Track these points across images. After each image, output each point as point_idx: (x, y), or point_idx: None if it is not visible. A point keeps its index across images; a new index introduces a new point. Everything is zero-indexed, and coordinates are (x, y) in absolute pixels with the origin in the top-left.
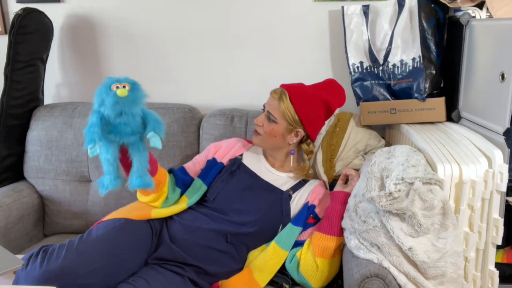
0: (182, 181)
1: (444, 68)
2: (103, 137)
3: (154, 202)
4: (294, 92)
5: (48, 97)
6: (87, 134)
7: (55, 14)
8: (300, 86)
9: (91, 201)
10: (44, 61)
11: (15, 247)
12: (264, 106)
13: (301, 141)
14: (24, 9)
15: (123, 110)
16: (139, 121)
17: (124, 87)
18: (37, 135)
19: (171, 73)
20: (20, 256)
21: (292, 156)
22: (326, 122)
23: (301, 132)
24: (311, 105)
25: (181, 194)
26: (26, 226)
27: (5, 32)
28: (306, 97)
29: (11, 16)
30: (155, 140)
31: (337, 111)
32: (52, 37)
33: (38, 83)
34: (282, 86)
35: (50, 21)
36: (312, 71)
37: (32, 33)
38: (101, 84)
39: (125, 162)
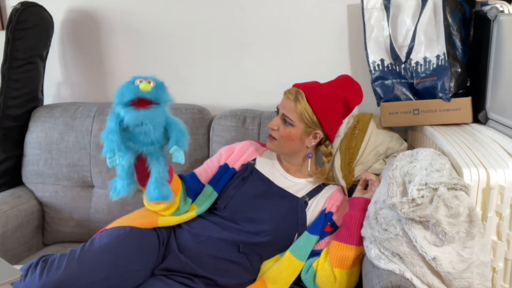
0: (193, 190)
1: (470, 66)
2: (122, 143)
3: (164, 212)
4: (310, 92)
5: (48, 97)
6: (105, 142)
7: (55, 8)
8: (315, 84)
9: (94, 208)
10: (43, 59)
11: (13, 257)
12: (277, 108)
13: (319, 143)
14: (23, 3)
15: (145, 118)
16: (161, 130)
17: (148, 82)
18: (36, 137)
19: (179, 71)
20: (18, 267)
21: (310, 159)
22: (345, 123)
23: (320, 134)
24: (329, 105)
25: (191, 202)
26: (24, 235)
27: (2, 28)
28: (323, 96)
29: (8, 11)
30: (178, 155)
31: (355, 110)
32: (52, 32)
33: (37, 82)
34: (296, 85)
35: (50, 16)
36: (330, 70)
37: (31, 29)
38: (128, 80)
39: (143, 171)
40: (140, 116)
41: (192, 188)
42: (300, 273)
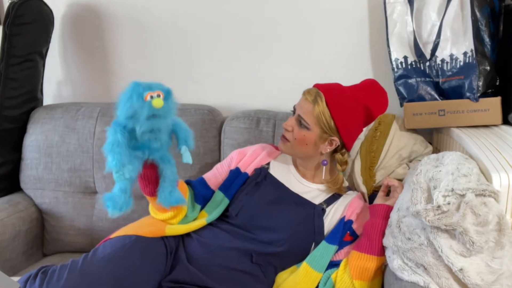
0: (202, 196)
1: (499, 63)
2: (130, 155)
3: (171, 220)
4: (331, 95)
5: (48, 97)
6: (113, 155)
7: (56, 1)
8: (337, 87)
9: (97, 215)
10: (43, 56)
11: (10, 268)
12: (294, 108)
13: (335, 150)
14: None
15: (156, 125)
16: (168, 132)
17: (158, 96)
18: (36, 140)
19: (188, 69)
20: (16, 279)
21: (324, 167)
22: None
23: (336, 141)
24: (350, 111)
25: (201, 209)
26: (22, 244)
27: None
28: (345, 100)
29: (5, 5)
30: (187, 155)
31: None
32: (52, 28)
33: (36, 80)
34: (317, 86)
35: (50, 10)
36: (349, 68)
37: (29, 24)
38: (128, 90)
39: (150, 178)
40: (153, 124)
41: (201, 193)
42: (317, 286)
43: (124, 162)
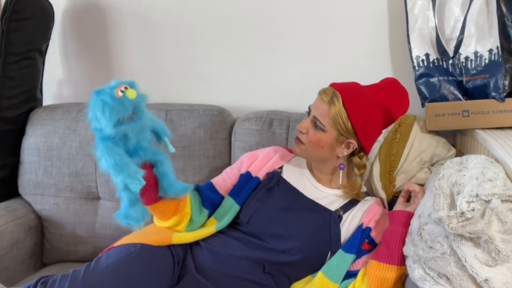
0: (210, 200)
1: None
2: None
3: (176, 226)
4: (348, 95)
5: (48, 97)
6: (121, 170)
7: None
8: (355, 86)
9: (100, 222)
10: (43, 53)
11: (8, 278)
12: (309, 108)
13: (352, 154)
14: None
15: (141, 124)
16: (149, 128)
17: (126, 88)
18: (35, 142)
19: (197, 67)
20: None
21: (341, 171)
22: None
23: (354, 144)
24: (368, 112)
25: (209, 216)
26: (21, 253)
27: None
28: (363, 101)
29: None
30: (170, 146)
31: None
32: (52, 24)
33: (35, 79)
34: (333, 85)
35: (50, 4)
36: (367, 66)
37: (28, 19)
38: (96, 100)
39: (149, 181)
40: (139, 124)
41: (209, 198)
42: None
43: (135, 170)
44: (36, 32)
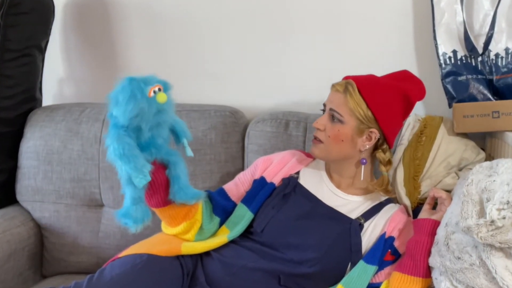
0: (222, 207)
1: None
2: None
3: (185, 234)
4: (363, 83)
5: (48, 97)
6: (127, 161)
7: None
8: (368, 76)
9: (103, 231)
10: (42, 50)
11: None
12: (324, 105)
13: (375, 148)
14: None
15: (159, 119)
16: (168, 126)
17: (159, 90)
18: (34, 145)
19: (207, 65)
20: None
21: (363, 166)
22: (409, 129)
23: (376, 134)
24: (386, 97)
25: (221, 224)
26: (19, 265)
27: None
28: (379, 87)
29: None
30: (188, 148)
31: (421, 110)
32: (52, 18)
33: (34, 78)
34: (346, 77)
35: None
36: (390, 64)
37: (27, 14)
38: (126, 88)
39: (159, 183)
40: (157, 119)
41: (221, 204)
42: None
43: (142, 163)
44: (35, 27)
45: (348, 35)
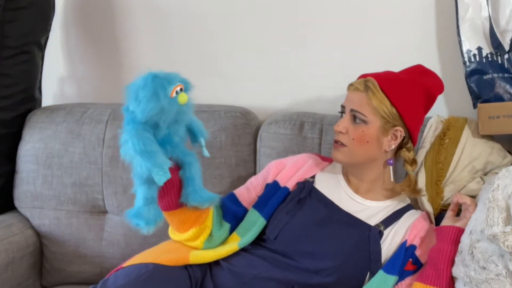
0: (232, 213)
1: None
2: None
3: (194, 241)
4: (383, 79)
5: (48, 97)
6: (148, 156)
7: None
8: (386, 72)
9: (107, 240)
10: (42, 47)
11: None
12: (342, 106)
13: (399, 147)
14: None
15: (177, 117)
16: (185, 125)
17: (181, 90)
18: (33, 148)
19: (218, 63)
20: None
21: (391, 167)
22: (431, 130)
23: (401, 132)
24: (408, 92)
25: (231, 231)
26: (17, 275)
27: None
28: (400, 82)
29: None
30: (205, 149)
31: (444, 110)
32: (53, 13)
33: (33, 77)
34: (363, 76)
35: None
36: (411, 62)
37: (25, 8)
38: (149, 84)
39: (172, 183)
40: (176, 116)
41: (231, 209)
42: None
43: (164, 159)
44: (35, 22)
45: (366, 31)
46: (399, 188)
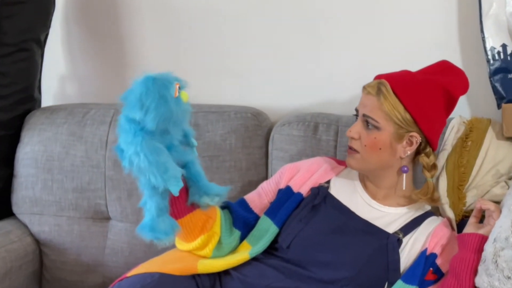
0: (243, 220)
1: None
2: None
3: (202, 249)
4: (397, 81)
5: (48, 96)
6: (164, 168)
7: None
8: (402, 72)
9: (110, 248)
10: (41, 44)
11: None
12: (356, 110)
13: (416, 152)
14: None
15: (181, 119)
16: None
17: (180, 88)
18: (32, 151)
19: (228, 62)
20: None
21: (404, 175)
22: (453, 132)
23: (417, 138)
24: (424, 95)
25: (242, 239)
26: (15, 285)
27: None
28: (416, 84)
29: None
30: (193, 139)
31: (467, 112)
32: (53, 9)
33: (32, 76)
34: (378, 77)
35: None
36: (433, 60)
37: (24, 3)
38: (152, 88)
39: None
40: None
41: (241, 216)
42: None
43: (177, 169)
44: (34, 18)
45: (385, 27)
46: (415, 197)
